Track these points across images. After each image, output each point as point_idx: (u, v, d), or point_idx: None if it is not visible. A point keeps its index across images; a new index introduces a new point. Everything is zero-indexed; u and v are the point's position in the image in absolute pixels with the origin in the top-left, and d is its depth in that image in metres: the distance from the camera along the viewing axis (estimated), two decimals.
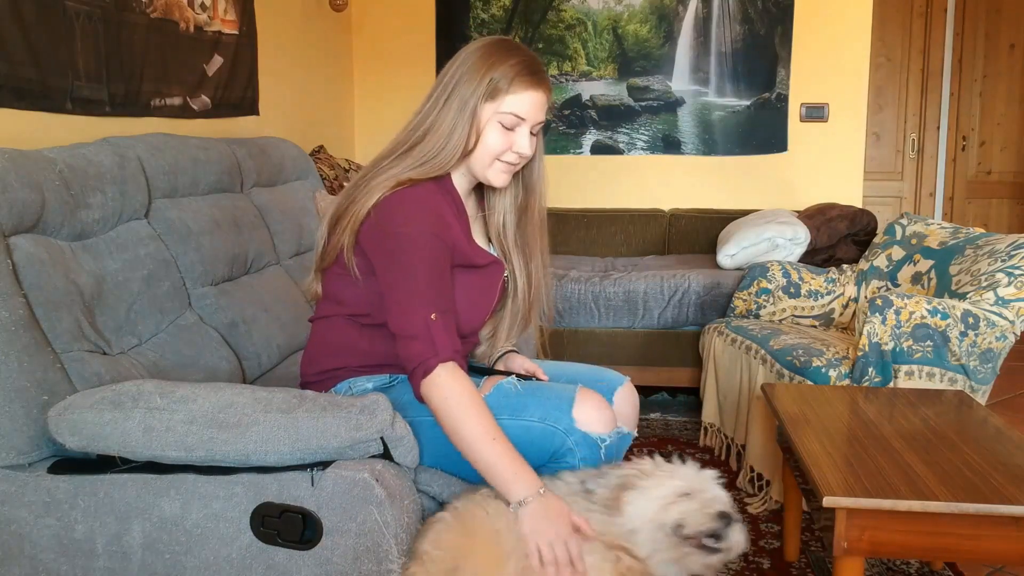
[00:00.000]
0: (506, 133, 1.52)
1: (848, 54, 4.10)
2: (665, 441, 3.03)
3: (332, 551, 1.34)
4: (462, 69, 1.52)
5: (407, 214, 1.46)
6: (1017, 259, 2.33)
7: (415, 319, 1.43)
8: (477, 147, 1.52)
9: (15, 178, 1.53)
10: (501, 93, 1.50)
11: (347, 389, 1.62)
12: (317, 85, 3.91)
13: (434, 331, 1.42)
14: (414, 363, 1.43)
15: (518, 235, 1.67)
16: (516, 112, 1.51)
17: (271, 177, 2.67)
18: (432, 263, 1.46)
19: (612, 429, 1.53)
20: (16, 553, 1.42)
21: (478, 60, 1.51)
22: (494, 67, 1.49)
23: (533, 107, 1.52)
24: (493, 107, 1.50)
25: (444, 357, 1.42)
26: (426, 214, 1.47)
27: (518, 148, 1.53)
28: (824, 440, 1.73)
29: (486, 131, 1.51)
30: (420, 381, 1.43)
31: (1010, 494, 1.46)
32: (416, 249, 1.45)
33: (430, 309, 1.43)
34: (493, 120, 1.51)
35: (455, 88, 1.51)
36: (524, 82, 1.50)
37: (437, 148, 1.51)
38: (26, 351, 1.44)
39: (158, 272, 1.90)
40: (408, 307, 1.44)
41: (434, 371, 1.41)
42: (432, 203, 1.50)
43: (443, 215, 1.51)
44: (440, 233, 1.48)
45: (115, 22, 2.28)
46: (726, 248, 3.50)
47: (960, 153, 5.39)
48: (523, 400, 1.51)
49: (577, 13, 4.27)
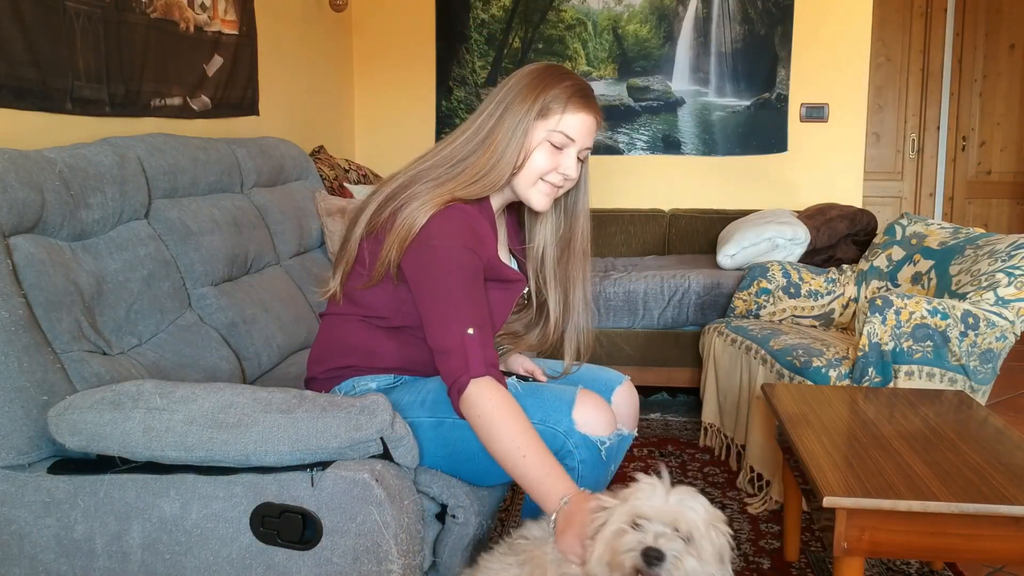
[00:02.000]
0: (554, 153, 1.53)
1: (848, 54, 4.10)
2: (665, 441, 3.03)
3: (332, 551, 1.34)
4: (515, 89, 1.53)
5: (444, 229, 1.46)
6: (1017, 259, 2.33)
7: (450, 334, 1.43)
8: (524, 166, 1.53)
9: (15, 178, 1.53)
10: (554, 113, 1.51)
11: (351, 388, 1.62)
12: (317, 85, 3.91)
13: (468, 346, 1.42)
14: (449, 381, 1.44)
15: (558, 268, 1.68)
16: (566, 132, 1.52)
17: (271, 177, 2.67)
18: (468, 278, 1.46)
19: (612, 431, 1.53)
20: (16, 553, 1.42)
21: (532, 81, 1.53)
22: (548, 88, 1.51)
23: (584, 129, 1.53)
24: (545, 126, 1.51)
25: (476, 373, 1.42)
26: (463, 230, 1.47)
27: (564, 169, 1.54)
28: (824, 440, 1.73)
29: (535, 150, 1.52)
30: (457, 400, 1.43)
31: (1010, 494, 1.46)
32: (453, 264, 1.45)
33: (467, 324, 1.43)
34: (543, 139, 1.52)
35: (507, 107, 1.52)
36: (577, 104, 1.52)
37: (490, 165, 1.51)
38: (26, 351, 1.44)
39: (158, 272, 1.90)
40: (445, 322, 1.44)
41: (467, 389, 1.42)
42: (469, 219, 1.50)
43: (478, 230, 1.51)
44: (475, 248, 1.48)
45: (115, 22, 2.28)
46: (726, 248, 3.50)
47: (960, 153, 5.39)
48: (523, 402, 1.51)
49: (577, 13, 4.27)
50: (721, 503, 2.49)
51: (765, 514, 2.41)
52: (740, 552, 2.19)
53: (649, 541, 1.22)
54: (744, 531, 2.31)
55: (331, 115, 4.13)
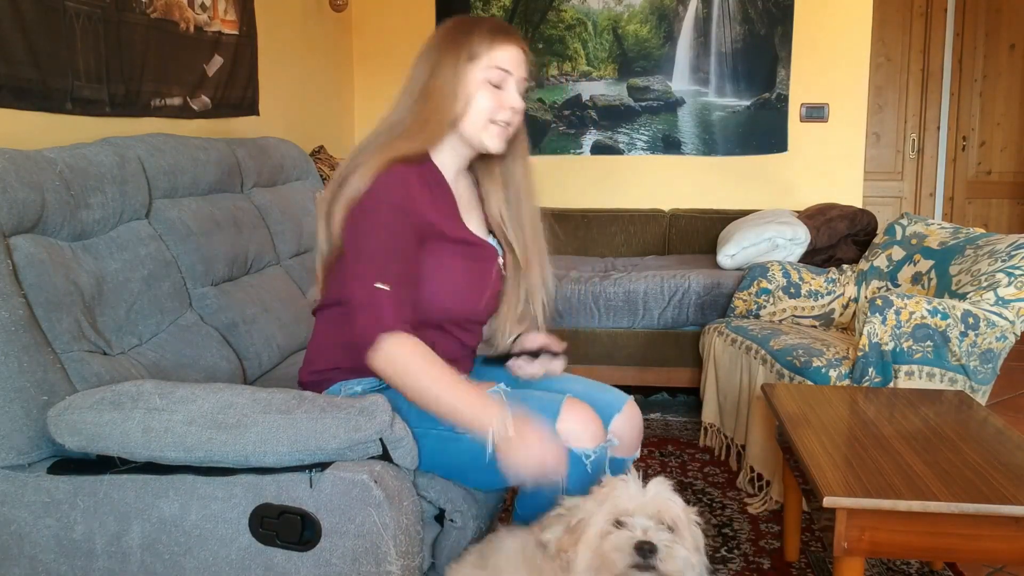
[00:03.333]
0: (495, 92, 1.55)
1: (848, 54, 4.10)
2: (665, 441, 3.03)
3: (331, 552, 1.34)
4: (439, 44, 1.56)
5: (373, 189, 1.46)
6: (1017, 259, 2.33)
7: (360, 288, 1.42)
8: (468, 112, 1.54)
9: (15, 178, 1.53)
10: (482, 53, 1.53)
11: (338, 392, 1.61)
12: (317, 85, 3.91)
13: (381, 301, 1.40)
14: (358, 337, 1.41)
15: (513, 224, 1.68)
16: (501, 65, 1.54)
17: (271, 177, 2.67)
18: (390, 234, 1.45)
19: (598, 443, 1.49)
20: (16, 553, 1.42)
21: (452, 32, 1.56)
22: (470, 33, 1.54)
23: (516, 60, 1.56)
24: (477, 67, 1.53)
25: (388, 327, 1.39)
26: (391, 190, 1.47)
27: (510, 103, 1.56)
28: (824, 440, 1.73)
29: (476, 94, 1.54)
30: (366, 353, 1.41)
31: (1010, 494, 1.46)
32: (376, 222, 1.45)
33: (377, 278, 1.41)
34: (481, 80, 1.54)
35: (436, 62, 1.54)
36: (501, 39, 1.55)
37: (426, 115, 1.53)
38: (26, 351, 1.44)
39: (158, 272, 1.89)
40: (356, 277, 1.43)
41: (378, 344, 1.39)
42: (402, 178, 1.49)
43: (410, 191, 1.49)
44: (406, 207, 1.47)
45: (115, 22, 2.28)
46: (726, 248, 3.50)
47: (960, 153, 5.39)
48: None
49: (577, 13, 4.27)
50: (721, 503, 2.49)
51: (765, 514, 2.41)
52: (740, 552, 2.19)
53: (639, 535, 1.22)
54: (744, 531, 2.31)
55: (331, 115, 4.13)
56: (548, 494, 1.48)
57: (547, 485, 1.41)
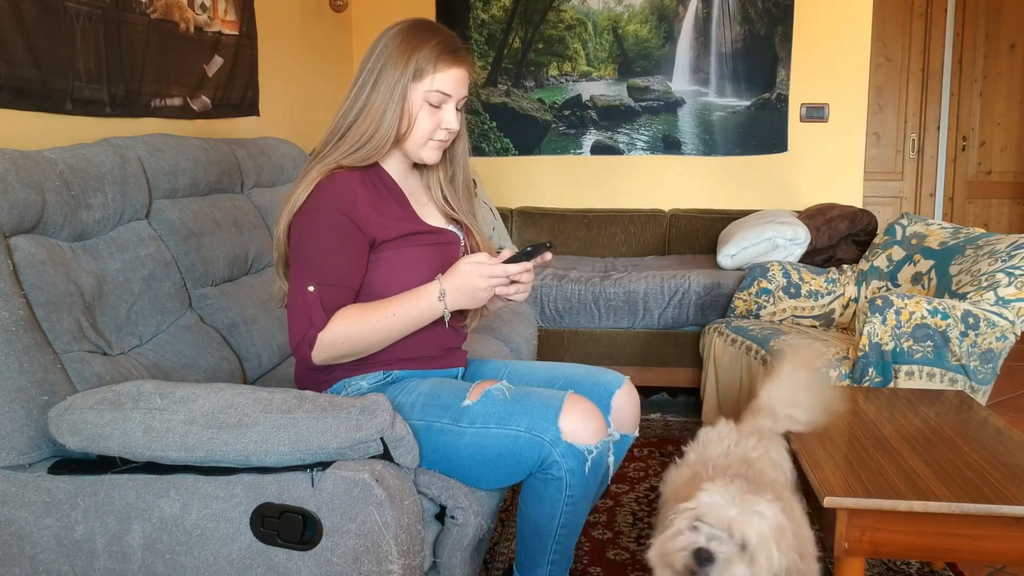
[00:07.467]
0: (434, 112, 1.59)
1: (848, 54, 4.10)
2: (665, 441, 3.03)
3: (332, 552, 1.34)
4: (385, 54, 1.57)
5: (314, 196, 1.52)
6: (1017, 259, 2.33)
7: (296, 291, 1.49)
8: (409, 132, 1.59)
9: (15, 178, 1.53)
10: (427, 73, 1.56)
11: (343, 390, 1.61)
12: (317, 85, 3.91)
13: (311, 302, 1.47)
14: (295, 340, 1.48)
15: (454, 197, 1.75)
16: (442, 90, 1.58)
17: (271, 177, 2.67)
18: (327, 234, 1.50)
19: (601, 439, 1.51)
20: (16, 553, 1.42)
21: (401, 43, 1.57)
22: (418, 48, 1.56)
23: (457, 83, 1.60)
24: (420, 87, 1.57)
25: (320, 326, 1.47)
26: (330, 194, 1.52)
27: (447, 124, 1.61)
28: (824, 440, 1.73)
29: (417, 115, 1.58)
30: (309, 355, 1.47)
31: (1010, 494, 1.46)
32: (315, 226, 1.51)
33: (308, 281, 1.48)
34: (422, 101, 1.57)
35: (381, 73, 1.57)
36: (447, 60, 1.57)
37: (370, 132, 1.57)
38: (26, 351, 1.44)
39: (158, 272, 1.90)
40: (293, 280, 1.51)
41: (314, 342, 1.47)
42: (342, 180, 1.54)
43: (351, 194, 1.54)
44: (346, 210, 1.52)
45: (115, 22, 2.28)
46: (726, 248, 3.50)
47: (960, 153, 5.39)
48: (510, 408, 1.50)
49: (577, 13, 4.27)
50: None
51: None
52: None
53: (701, 542, 1.23)
54: None
55: (331, 115, 4.10)
56: (552, 492, 1.49)
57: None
